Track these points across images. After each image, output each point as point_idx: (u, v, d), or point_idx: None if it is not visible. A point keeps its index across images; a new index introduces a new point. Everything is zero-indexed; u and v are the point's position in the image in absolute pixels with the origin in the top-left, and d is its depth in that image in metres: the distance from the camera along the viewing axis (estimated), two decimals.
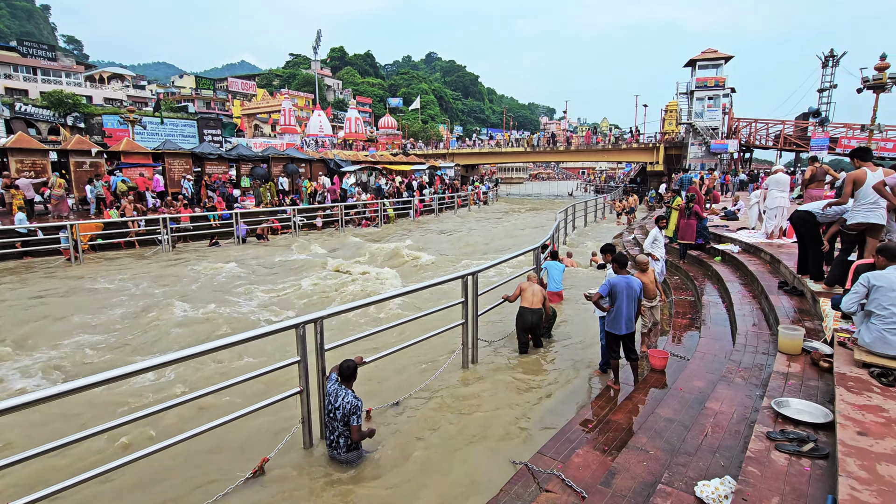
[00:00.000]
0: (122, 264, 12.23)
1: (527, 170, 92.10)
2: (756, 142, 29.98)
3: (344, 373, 3.93)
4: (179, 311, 8.15)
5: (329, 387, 3.93)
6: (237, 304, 8.73)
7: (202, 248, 15.03)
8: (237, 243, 15.72)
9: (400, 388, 5.19)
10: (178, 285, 10.12)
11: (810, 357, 3.88)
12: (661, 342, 5.91)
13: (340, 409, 3.80)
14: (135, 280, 10.42)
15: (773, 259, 7.50)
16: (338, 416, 3.80)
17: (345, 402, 3.80)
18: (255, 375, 3.73)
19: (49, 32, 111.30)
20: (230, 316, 7.94)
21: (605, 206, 24.58)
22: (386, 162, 30.16)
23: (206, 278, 10.75)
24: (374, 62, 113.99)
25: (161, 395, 5.10)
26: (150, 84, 78.02)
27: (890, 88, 20.49)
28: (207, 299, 8.88)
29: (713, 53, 30.63)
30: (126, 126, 25.72)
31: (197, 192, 19.16)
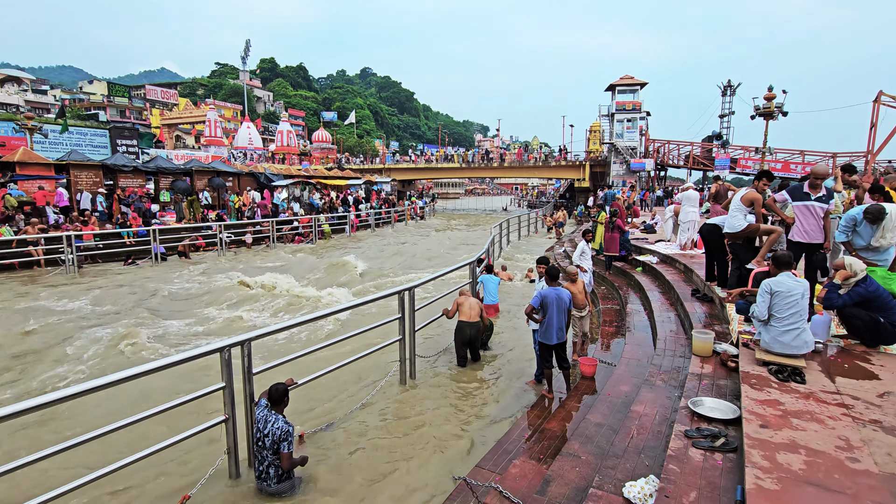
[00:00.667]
0: (10, 288, 10.88)
1: (463, 185, 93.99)
2: (669, 161, 32.75)
3: (273, 397, 3.73)
4: (86, 338, 7.36)
5: (258, 413, 3.70)
6: (152, 328, 8.04)
7: (115, 267, 13.76)
8: (154, 262, 14.56)
9: (335, 410, 5.01)
10: (80, 308, 9.16)
11: (720, 358, 4.24)
12: (590, 350, 6.18)
13: (270, 436, 3.59)
14: (39, 302, 9.30)
15: (686, 269, 8.16)
16: (267, 444, 3.59)
17: (274, 429, 3.60)
18: (173, 405, 3.43)
19: None
20: (142, 343, 7.27)
21: (537, 221, 25.57)
22: (320, 176, 29.49)
23: (115, 299, 9.82)
24: (307, 75, 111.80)
25: (64, 435, 4.55)
26: (54, 89, 71.18)
27: (777, 116, 23.28)
28: (117, 322, 8.11)
29: (630, 80, 33.25)
30: (23, 134, 23.15)
31: (109, 206, 17.59)
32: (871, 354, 3.90)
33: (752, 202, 5.50)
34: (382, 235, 23.10)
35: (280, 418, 3.68)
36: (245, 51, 77.83)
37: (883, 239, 4.72)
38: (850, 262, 4.01)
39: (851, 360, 3.81)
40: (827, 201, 5.19)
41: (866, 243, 4.81)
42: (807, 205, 5.25)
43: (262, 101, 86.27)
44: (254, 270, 13.28)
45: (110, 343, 7.15)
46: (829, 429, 2.70)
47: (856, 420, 2.81)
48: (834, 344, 4.15)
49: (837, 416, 2.84)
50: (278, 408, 3.74)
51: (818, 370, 3.58)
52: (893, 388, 3.24)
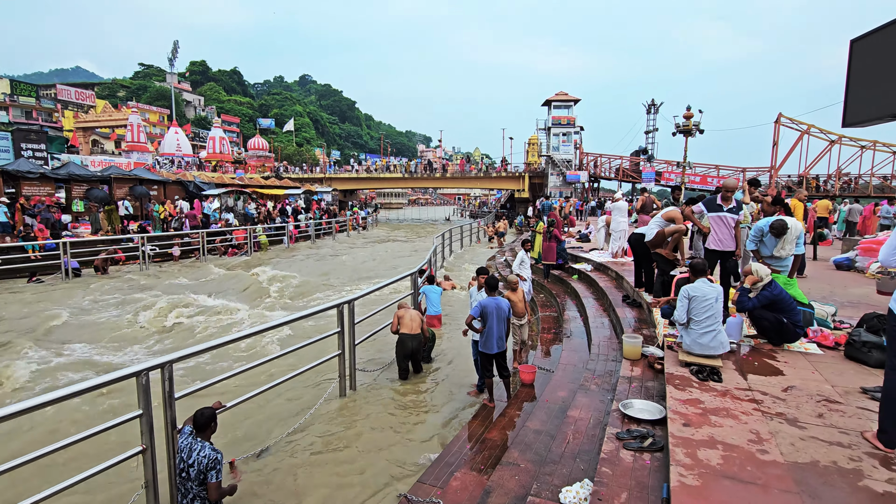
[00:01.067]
0: None
1: (406, 195, 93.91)
2: (602, 173, 34.63)
3: (198, 422, 3.47)
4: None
5: (181, 441, 3.42)
6: (61, 351, 7.27)
7: (15, 286, 12.36)
8: (65, 278, 13.24)
9: (270, 432, 4.76)
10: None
11: (648, 360, 4.47)
12: (530, 357, 6.32)
13: (195, 465, 3.32)
14: None
15: (617, 276, 8.60)
16: (192, 475, 3.32)
17: (200, 457, 3.34)
18: (81, 438, 3.09)
19: None
20: (53, 365, 6.57)
21: (479, 231, 26.00)
22: (256, 185, 28.28)
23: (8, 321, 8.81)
24: (241, 80, 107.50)
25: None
26: None
27: (695, 134, 25.33)
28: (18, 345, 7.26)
29: (564, 96, 34.91)
30: None
31: (12, 217, 15.81)
32: (776, 352, 4.28)
33: (672, 219, 5.93)
34: (323, 247, 22.50)
35: (207, 445, 3.42)
36: (173, 52, 73.70)
37: (783, 250, 5.25)
38: (757, 269, 4.40)
39: (761, 358, 4.15)
40: (737, 212, 5.68)
41: (770, 253, 5.33)
42: (720, 215, 5.71)
43: (193, 105, 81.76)
44: (179, 286, 12.44)
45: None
46: (742, 423, 2.91)
47: (764, 414, 3.05)
48: (746, 343, 4.51)
49: (749, 412, 3.08)
50: (204, 434, 3.48)
51: (733, 369, 3.87)
52: (795, 383, 3.57)
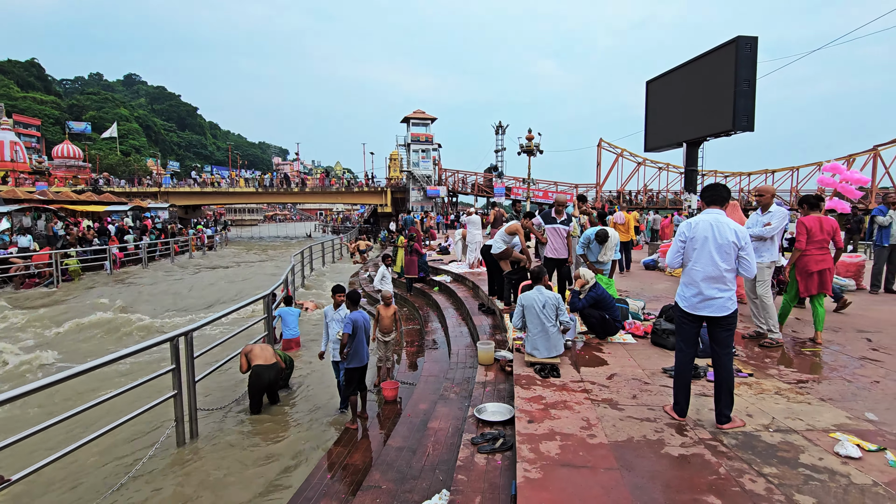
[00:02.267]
0: None
1: (261, 211, 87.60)
2: (459, 188, 36.66)
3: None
4: None
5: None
6: None
7: None
8: None
9: (89, 498, 3.90)
10: None
11: (500, 364, 4.79)
12: (395, 372, 6.29)
13: None
14: None
15: (474, 285, 9.10)
16: None
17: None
18: None
19: None
20: None
21: (342, 247, 25.39)
22: (65, 201, 23.60)
23: None
24: (43, 74, 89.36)
25: None
26: None
27: (536, 153, 28.42)
28: None
29: (422, 114, 36.27)
30: None
31: None
32: (603, 345, 4.94)
33: (514, 232, 6.52)
34: (159, 270, 19.67)
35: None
36: None
37: (605, 255, 6.14)
38: (584, 273, 5.05)
39: (591, 351, 4.74)
40: (568, 224, 6.47)
41: (595, 258, 6.18)
42: (554, 227, 6.45)
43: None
44: None
45: None
46: (575, 413, 3.27)
47: (593, 401, 3.47)
48: (580, 340, 5.11)
49: (581, 401, 3.47)
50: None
51: (569, 364, 4.35)
52: (617, 370, 4.14)
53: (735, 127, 11.30)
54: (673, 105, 13.98)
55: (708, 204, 3.22)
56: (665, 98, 14.39)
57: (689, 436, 2.95)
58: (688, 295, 3.13)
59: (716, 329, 3.08)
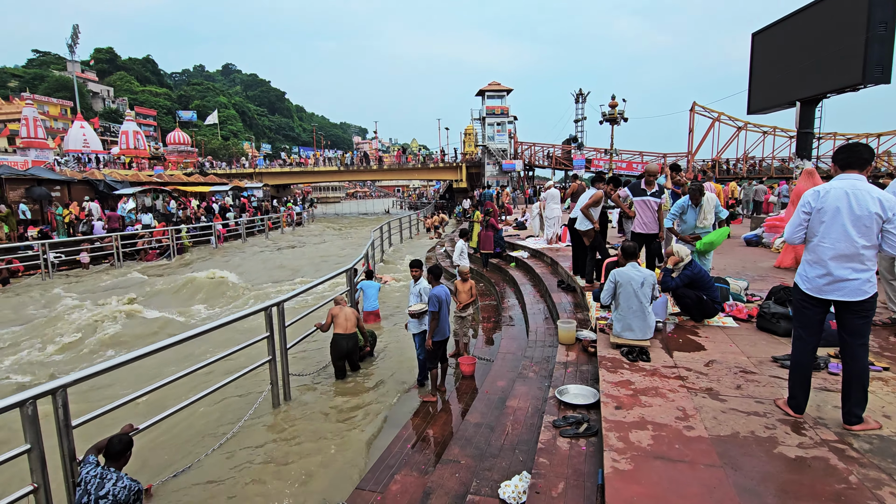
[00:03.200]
0: None
1: (343, 188, 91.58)
2: (536, 162, 35.54)
3: (112, 450, 3.09)
4: None
5: (85, 473, 3.01)
6: None
7: None
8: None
9: (193, 451, 4.36)
10: None
11: (582, 344, 4.56)
12: (471, 347, 6.29)
13: (110, 497, 2.95)
14: None
15: (553, 262, 8.79)
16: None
17: (117, 489, 2.97)
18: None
19: None
20: None
21: (418, 223, 25.83)
22: (177, 183, 26.32)
23: None
24: (156, 69, 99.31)
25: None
26: None
27: (620, 122, 26.59)
28: None
29: (497, 86, 35.33)
30: None
31: None
32: (698, 328, 4.51)
33: (599, 202, 6.11)
34: (255, 245, 21.37)
35: (124, 476, 3.06)
36: (73, 38, 66.52)
37: (704, 220, 5.55)
38: (678, 249, 4.60)
39: (684, 334, 4.36)
40: (659, 196, 5.94)
41: (693, 226, 5.60)
42: (644, 200, 5.94)
43: (101, 97, 74.55)
44: (89, 296, 11.28)
45: None
46: (669, 402, 3.00)
47: (689, 390, 3.17)
48: (671, 321, 4.72)
49: (676, 389, 3.19)
50: (117, 464, 3.10)
51: (660, 347, 4.02)
52: (716, 356, 3.76)
53: (866, 80, 9.60)
54: (785, 59, 12.20)
55: (843, 168, 2.71)
56: (775, 51, 12.60)
57: (809, 436, 2.58)
58: (812, 275, 2.70)
59: (847, 316, 2.63)
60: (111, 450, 3.08)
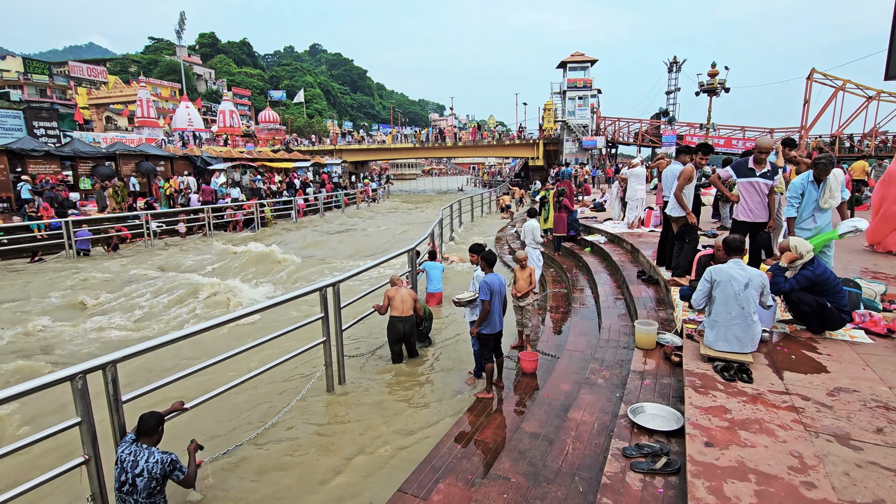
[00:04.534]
0: None
1: (419, 166, 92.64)
2: (620, 138, 33.11)
3: (143, 426, 3.08)
4: None
5: (121, 452, 3.03)
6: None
7: (19, 265, 12.29)
8: (70, 257, 13.13)
9: (244, 429, 4.37)
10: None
11: (664, 351, 3.90)
12: (534, 340, 5.81)
13: (145, 475, 2.95)
14: None
15: (633, 249, 7.93)
16: (140, 486, 2.95)
17: (152, 464, 2.97)
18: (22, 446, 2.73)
19: None
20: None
21: (491, 201, 25.22)
22: (264, 159, 27.87)
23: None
24: (251, 51, 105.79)
25: None
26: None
27: (720, 92, 23.78)
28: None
29: (581, 56, 33.12)
30: None
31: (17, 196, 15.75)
32: (817, 342, 3.66)
33: (689, 178, 5.25)
34: (332, 220, 22.10)
35: (156, 451, 3.05)
36: (180, 24, 72.55)
37: (832, 199, 4.56)
38: (796, 244, 3.73)
39: (798, 349, 3.55)
40: (771, 177, 4.94)
41: (813, 209, 4.61)
42: (752, 181, 4.98)
43: (203, 78, 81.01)
44: (176, 265, 12.17)
45: None
46: (780, 442, 2.35)
47: (808, 428, 2.48)
48: (779, 330, 3.90)
49: (788, 425, 2.51)
50: (150, 440, 3.09)
51: (765, 364, 3.28)
52: (843, 383, 2.97)
53: None
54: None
55: None
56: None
57: None
58: None
59: None
60: (143, 426, 3.07)
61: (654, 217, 9.50)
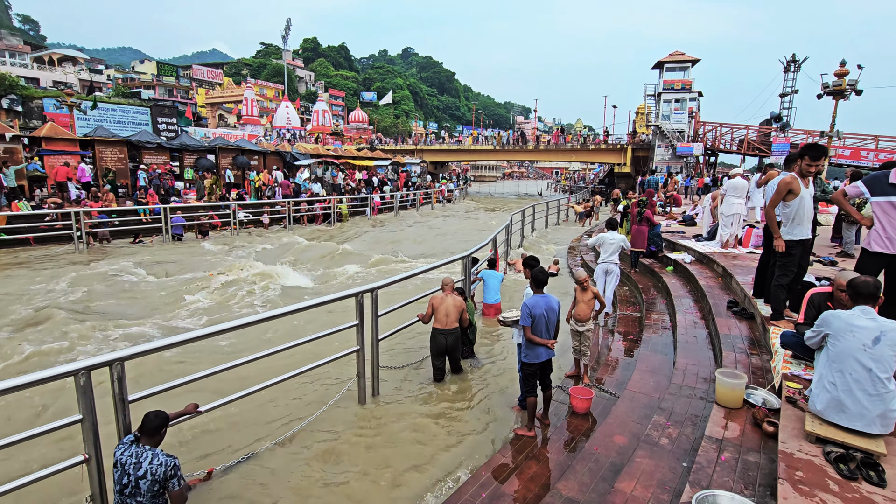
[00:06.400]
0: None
1: (500, 168, 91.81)
2: (721, 146, 29.99)
3: (145, 426, 2.91)
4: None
5: (119, 454, 2.87)
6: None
7: (124, 245, 13.62)
8: (166, 241, 14.34)
9: (265, 437, 4.17)
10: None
11: (753, 414, 3.05)
12: (594, 368, 5.06)
13: (147, 477, 2.78)
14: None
15: (725, 272, 6.79)
16: (143, 488, 2.78)
17: (153, 467, 2.79)
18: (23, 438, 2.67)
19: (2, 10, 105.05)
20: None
21: (568, 209, 23.95)
22: (347, 157, 28.89)
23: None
24: (348, 55, 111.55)
25: None
26: (109, 68, 74.18)
27: (849, 96, 20.48)
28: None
29: (680, 56, 30.49)
30: (66, 110, 23.74)
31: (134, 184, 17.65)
32: None
33: (788, 190, 4.21)
34: (404, 219, 22.26)
35: (160, 453, 2.87)
36: (285, 30, 78.16)
37: None
38: None
39: None
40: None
41: None
42: (891, 200, 3.88)
43: (304, 80, 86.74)
44: (254, 254, 12.74)
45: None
46: None
47: None
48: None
49: None
50: (151, 440, 2.92)
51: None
52: None
53: None
54: None
55: None
56: None
57: None
58: None
59: None
60: (147, 425, 2.89)
61: (755, 236, 8.15)
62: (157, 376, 5.01)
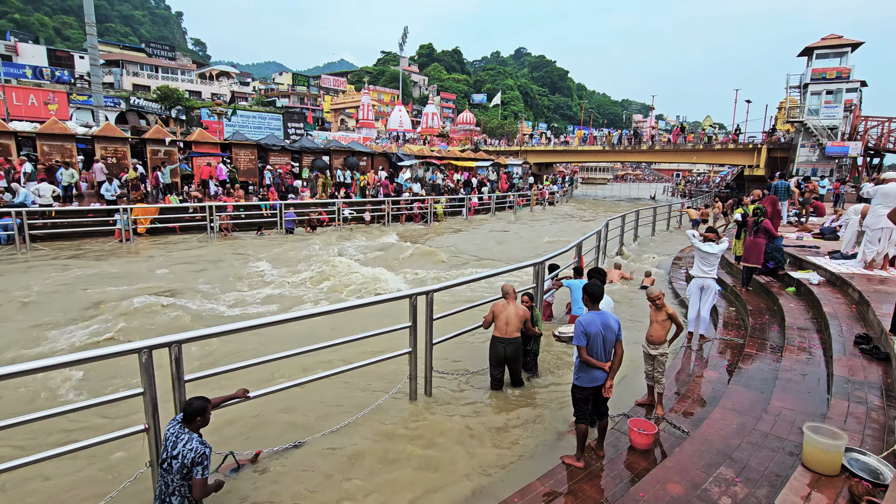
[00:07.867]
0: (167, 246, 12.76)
1: (612, 170, 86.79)
2: (887, 145, 24.90)
3: (185, 412, 3.16)
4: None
5: (167, 429, 3.17)
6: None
7: (247, 236, 15.39)
8: (281, 233, 15.92)
9: (313, 426, 4.33)
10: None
11: (850, 488, 2.38)
12: (665, 401, 4.45)
13: (179, 458, 3.03)
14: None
15: (861, 299, 5.54)
16: (174, 468, 3.04)
17: (186, 450, 3.03)
18: (80, 407, 3.09)
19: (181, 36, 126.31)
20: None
21: (682, 214, 21.69)
22: (450, 158, 29.44)
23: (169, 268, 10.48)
24: (461, 58, 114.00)
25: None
26: (254, 80, 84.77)
27: None
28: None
29: (836, 40, 25.84)
30: (215, 118, 27.79)
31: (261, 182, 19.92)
32: None
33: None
34: (500, 220, 22.03)
35: (195, 438, 3.10)
36: (402, 38, 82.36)
37: None
38: None
39: None
40: None
41: None
42: None
43: (419, 85, 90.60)
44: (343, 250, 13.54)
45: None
46: None
47: None
48: None
49: None
50: (192, 426, 3.17)
51: None
52: None
53: None
54: None
55: None
56: None
57: None
58: None
59: None
60: (184, 411, 3.13)
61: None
62: (225, 359, 5.49)
